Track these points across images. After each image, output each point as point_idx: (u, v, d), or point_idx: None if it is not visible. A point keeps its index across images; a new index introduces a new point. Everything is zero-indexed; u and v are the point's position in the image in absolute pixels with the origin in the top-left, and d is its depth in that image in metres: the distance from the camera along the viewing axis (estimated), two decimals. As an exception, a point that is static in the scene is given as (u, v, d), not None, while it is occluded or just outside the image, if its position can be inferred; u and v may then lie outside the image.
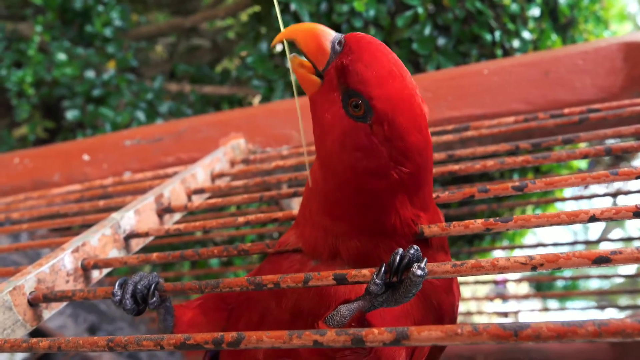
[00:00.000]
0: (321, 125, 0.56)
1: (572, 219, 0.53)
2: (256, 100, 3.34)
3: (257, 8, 2.37)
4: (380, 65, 0.52)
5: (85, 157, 1.42)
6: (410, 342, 0.40)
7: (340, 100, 0.53)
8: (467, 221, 0.57)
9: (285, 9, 1.98)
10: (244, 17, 3.44)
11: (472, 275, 0.48)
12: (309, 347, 0.42)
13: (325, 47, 0.53)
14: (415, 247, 0.48)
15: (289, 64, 0.59)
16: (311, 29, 0.54)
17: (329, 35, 0.54)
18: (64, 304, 0.67)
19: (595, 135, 0.77)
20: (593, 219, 0.53)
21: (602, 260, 0.44)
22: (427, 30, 1.93)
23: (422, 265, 0.47)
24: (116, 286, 0.56)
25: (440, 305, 0.59)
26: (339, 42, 0.53)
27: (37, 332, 1.90)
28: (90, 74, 2.74)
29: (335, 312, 0.51)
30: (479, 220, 0.56)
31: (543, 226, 0.54)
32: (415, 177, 0.55)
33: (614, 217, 0.52)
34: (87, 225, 0.87)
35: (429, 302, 0.59)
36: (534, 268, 0.46)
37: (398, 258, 0.48)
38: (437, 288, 0.59)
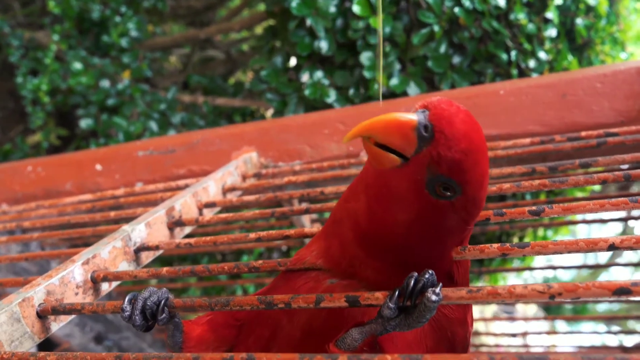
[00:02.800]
0: (394, 199, 0.54)
1: (590, 247, 0.52)
2: (269, 112, 3.35)
3: (272, 22, 2.39)
4: (474, 149, 0.50)
5: (98, 167, 1.42)
6: (424, 370, 0.39)
7: (425, 182, 0.51)
8: (482, 245, 0.56)
9: (300, 24, 1.99)
10: (258, 30, 3.47)
11: (488, 302, 0.46)
12: (320, 371, 0.41)
13: (412, 137, 0.50)
14: (430, 271, 0.48)
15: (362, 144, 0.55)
16: (390, 121, 0.50)
17: (411, 121, 0.50)
18: (73, 316, 0.66)
19: (614, 160, 0.76)
20: (612, 247, 0.52)
21: (623, 291, 0.43)
22: (443, 48, 1.93)
23: (437, 290, 0.46)
24: (125, 301, 0.55)
25: (454, 336, 0.58)
26: (425, 128, 0.50)
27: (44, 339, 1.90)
28: (105, 83, 2.77)
29: (346, 334, 0.50)
30: (495, 245, 0.55)
31: (561, 253, 0.53)
32: (471, 230, 0.57)
33: (635, 247, 0.51)
34: (97, 236, 0.87)
35: (443, 332, 0.57)
36: (552, 297, 0.44)
37: (412, 282, 0.47)
38: (453, 321, 0.58)
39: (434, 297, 0.45)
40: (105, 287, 0.72)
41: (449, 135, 0.49)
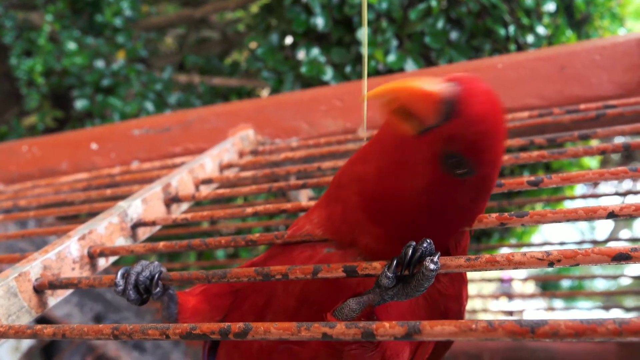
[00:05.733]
0: (406, 166, 0.53)
1: (590, 214, 0.52)
2: (265, 92, 3.33)
3: (267, 0, 2.36)
4: (493, 131, 0.49)
5: (94, 146, 1.41)
6: (422, 336, 0.39)
7: (439, 155, 0.50)
8: (480, 215, 0.55)
9: (296, 1, 1.97)
10: (254, 9, 3.43)
11: (486, 270, 0.46)
12: (317, 339, 0.41)
13: (436, 109, 0.48)
14: (428, 240, 0.47)
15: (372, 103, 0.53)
16: (419, 89, 0.48)
17: (439, 93, 0.48)
18: (70, 291, 0.66)
19: (613, 132, 0.75)
20: (612, 215, 0.51)
21: (622, 257, 0.42)
22: (440, 24, 1.91)
23: (435, 259, 0.46)
24: (118, 276, 0.55)
25: (447, 311, 0.58)
26: (450, 103, 0.48)
27: (44, 321, 1.90)
28: (99, 63, 2.74)
29: (344, 305, 0.50)
30: (493, 215, 0.55)
31: (560, 222, 0.52)
32: (480, 212, 0.56)
33: (634, 214, 0.50)
34: (94, 214, 0.87)
35: (436, 305, 0.57)
36: (550, 264, 0.44)
37: (410, 251, 0.46)
38: (447, 296, 0.57)
39: (432, 266, 0.45)
40: (102, 263, 0.71)
41: (471, 115, 0.48)
